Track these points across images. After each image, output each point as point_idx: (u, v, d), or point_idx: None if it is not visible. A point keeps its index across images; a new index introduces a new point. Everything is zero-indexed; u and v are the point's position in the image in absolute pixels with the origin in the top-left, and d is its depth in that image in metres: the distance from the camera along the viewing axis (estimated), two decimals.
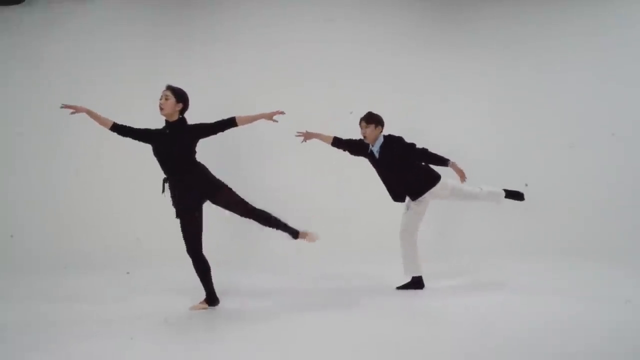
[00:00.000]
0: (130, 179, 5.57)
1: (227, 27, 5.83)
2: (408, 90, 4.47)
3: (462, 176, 4.11)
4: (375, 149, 4.19)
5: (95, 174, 5.59)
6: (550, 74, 5.92)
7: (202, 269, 3.59)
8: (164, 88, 3.53)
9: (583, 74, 5.87)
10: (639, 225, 5.56)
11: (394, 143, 4.17)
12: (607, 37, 5.85)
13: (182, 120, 3.55)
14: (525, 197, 4.47)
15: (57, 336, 3.10)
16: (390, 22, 5.96)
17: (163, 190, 3.53)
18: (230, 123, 3.59)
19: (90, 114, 3.54)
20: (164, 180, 3.54)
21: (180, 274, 4.31)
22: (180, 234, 3.55)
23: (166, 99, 3.46)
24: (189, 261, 3.62)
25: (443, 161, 4.11)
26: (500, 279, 4.48)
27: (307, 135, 4.24)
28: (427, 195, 4.15)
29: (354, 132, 5.71)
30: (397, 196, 4.25)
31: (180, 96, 3.51)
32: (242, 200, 3.61)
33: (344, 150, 4.33)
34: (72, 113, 3.54)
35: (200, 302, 3.62)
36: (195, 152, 3.60)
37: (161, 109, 3.47)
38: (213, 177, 3.59)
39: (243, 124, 3.62)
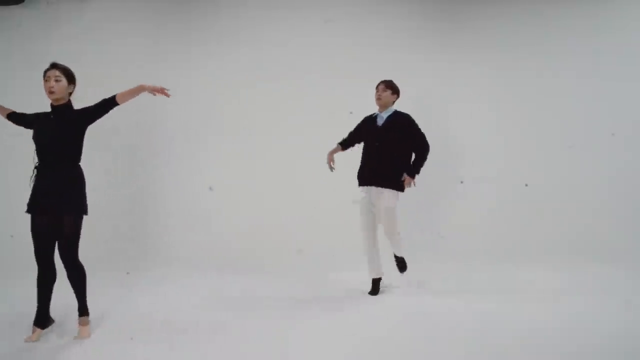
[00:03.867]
0: (130, 179, 5.57)
1: (227, 27, 5.83)
2: (408, 91, 4.46)
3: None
4: (383, 115, 4.10)
5: (95, 173, 5.57)
6: (550, 73, 5.92)
7: (46, 279, 3.09)
8: (47, 67, 3.06)
9: (583, 74, 5.87)
10: (639, 225, 5.56)
11: (402, 118, 4.07)
12: (607, 37, 5.85)
13: (69, 104, 3.12)
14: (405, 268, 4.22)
15: (57, 336, 3.10)
16: (391, 22, 5.95)
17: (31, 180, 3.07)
18: (111, 102, 3.10)
19: None
20: (35, 168, 3.08)
21: (180, 275, 4.32)
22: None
23: (57, 81, 3.01)
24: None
25: (412, 171, 4.00)
26: (500, 279, 4.48)
27: (330, 159, 4.16)
28: (385, 190, 3.94)
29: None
30: (364, 179, 4.08)
31: (72, 77, 3.12)
32: (76, 241, 3.07)
33: (355, 143, 4.26)
34: None
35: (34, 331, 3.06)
36: (82, 146, 3.12)
37: (51, 92, 3.00)
38: (83, 193, 3.09)
39: (124, 101, 3.11)
